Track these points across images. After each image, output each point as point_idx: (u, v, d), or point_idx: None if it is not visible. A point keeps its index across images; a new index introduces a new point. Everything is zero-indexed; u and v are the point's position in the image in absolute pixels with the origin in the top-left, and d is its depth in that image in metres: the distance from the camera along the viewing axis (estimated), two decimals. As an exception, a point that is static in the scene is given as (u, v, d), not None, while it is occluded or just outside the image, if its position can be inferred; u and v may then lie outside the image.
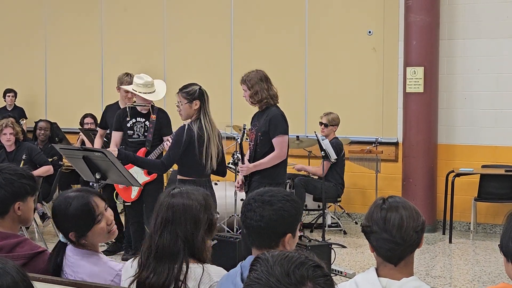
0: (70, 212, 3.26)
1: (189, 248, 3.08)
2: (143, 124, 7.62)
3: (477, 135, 9.67)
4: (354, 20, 10.31)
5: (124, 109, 7.71)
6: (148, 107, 7.58)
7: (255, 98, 6.58)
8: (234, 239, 6.97)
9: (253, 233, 2.92)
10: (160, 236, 3.07)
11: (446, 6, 9.68)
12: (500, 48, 9.50)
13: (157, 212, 3.13)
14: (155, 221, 3.11)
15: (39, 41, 12.42)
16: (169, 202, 3.12)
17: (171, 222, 3.08)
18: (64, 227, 3.30)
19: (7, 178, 3.38)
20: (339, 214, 10.20)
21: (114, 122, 7.74)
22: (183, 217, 3.10)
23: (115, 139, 7.70)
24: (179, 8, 11.40)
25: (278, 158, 6.55)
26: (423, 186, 9.58)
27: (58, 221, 3.34)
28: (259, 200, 2.93)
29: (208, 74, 10.23)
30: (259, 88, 6.57)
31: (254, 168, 6.53)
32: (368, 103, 10.22)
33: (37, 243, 3.53)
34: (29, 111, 12.15)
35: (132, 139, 7.62)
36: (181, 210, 3.11)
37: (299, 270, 1.75)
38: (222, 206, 8.26)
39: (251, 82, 6.59)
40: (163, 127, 7.61)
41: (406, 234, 2.73)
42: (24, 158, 8.44)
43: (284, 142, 6.59)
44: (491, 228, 9.63)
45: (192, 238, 3.09)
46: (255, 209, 2.91)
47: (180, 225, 3.08)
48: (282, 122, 6.56)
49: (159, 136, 7.55)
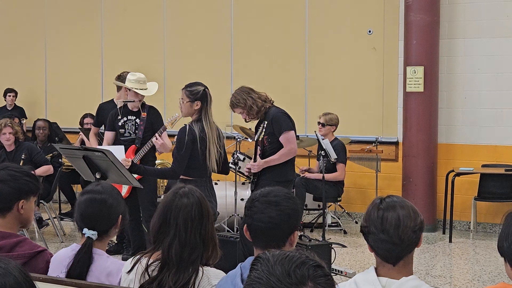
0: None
1: (205, 247, 3.07)
2: (134, 122, 7.70)
3: (477, 135, 9.67)
4: (354, 19, 10.31)
5: (117, 109, 7.80)
6: (137, 104, 7.63)
7: (253, 112, 6.63)
8: (235, 238, 6.97)
9: (261, 235, 2.91)
10: (182, 241, 3.04)
11: (446, 5, 9.67)
12: (500, 48, 9.49)
13: (174, 215, 3.09)
14: (170, 224, 3.08)
15: (39, 40, 12.42)
16: (190, 202, 3.10)
17: (196, 223, 3.06)
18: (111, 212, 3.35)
19: (12, 175, 3.39)
20: (339, 214, 10.20)
21: (107, 123, 7.85)
22: (206, 217, 3.09)
23: (108, 139, 7.79)
24: (178, 8, 11.39)
25: (289, 153, 6.60)
26: (423, 186, 9.58)
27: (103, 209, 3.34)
28: (264, 201, 2.93)
29: (208, 74, 10.22)
30: (251, 102, 6.62)
31: (265, 164, 6.56)
32: (368, 103, 10.22)
33: (37, 243, 3.52)
34: (29, 111, 12.15)
35: (124, 137, 7.70)
36: (204, 209, 3.10)
37: (300, 270, 1.75)
38: (222, 206, 8.25)
39: (242, 102, 6.65)
40: (154, 123, 7.66)
41: (404, 234, 2.72)
42: (24, 157, 8.43)
43: (292, 137, 6.62)
44: (491, 228, 9.63)
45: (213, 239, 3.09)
46: (263, 211, 2.90)
47: (205, 226, 3.08)
48: (285, 119, 6.60)
49: (152, 132, 7.56)
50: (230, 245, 6.88)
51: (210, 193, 6.19)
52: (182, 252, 3.03)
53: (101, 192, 3.35)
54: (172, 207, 3.11)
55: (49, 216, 9.10)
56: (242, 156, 8.56)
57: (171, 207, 3.11)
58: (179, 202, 3.11)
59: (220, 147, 6.25)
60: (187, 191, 3.15)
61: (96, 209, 3.32)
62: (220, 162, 6.27)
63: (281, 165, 6.57)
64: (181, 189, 3.17)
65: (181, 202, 3.10)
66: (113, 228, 3.37)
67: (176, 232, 3.06)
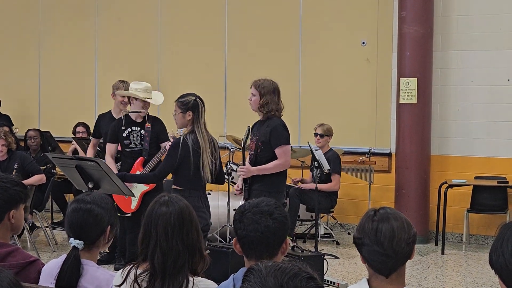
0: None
1: (191, 256, 3.06)
2: (138, 133, 7.59)
3: (470, 147, 9.69)
4: (348, 30, 10.33)
5: (119, 120, 7.66)
6: (144, 113, 7.57)
7: (264, 108, 6.53)
8: (227, 249, 6.96)
9: (257, 245, 2.91)
10: (164, 248, 3.03)
11: (439, 18, 9.71)
12: (493, 60, 9.53)
13: (154, 223, 3.08)
14: (151, 233, 3.06)
15: (32, 49, 12.40)
16: (168, 210, 3.09)
17: (177, 231, 3.05)
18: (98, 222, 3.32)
19: (2, 186, 3.38)
20: (332, 225, 10.20)
21: (109, 134, 7.67)
22: (188, 224, 3.09)
23: (110, 151, 7.66)
24: (173, 18, 11.40)
25: (283, 166, 6.56)
26: (416, 197, 9.59)
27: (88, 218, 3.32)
28: (257, 212, 2.94)
29: (202, 84, 10.22)
30: (270, 99, 6.53)
31: (256, 171, 6.49)
32: (362, 114, 10.23)
33: (29, 252, 3.51)
34: (22, 120, 12.11)
35: (130, 149, 7.58)
36: (186, 217, 3.10)
37: (293, 282, 1.74)
38: (215, 216, 8.24)
39: (264, 90, 6.53)
40: (160, 134, 7.60)
41: (398, 246, 2.71)
42: (16, 167, 8.41)
43: (287, 151, 6.60)
44: (484, 240, 9.64)
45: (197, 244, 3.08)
46: (258, 221, 2.91)
47: (187, 233, 3.06)
48: (284, 132, 6.56)
49: (156, 143, 7.54)
50: (222, 255, 6.87)
51: (204, 203, 6.20)
52: (165, 260, 3.02)
53: (89, 202, 3.33)
54: (152, 216, 3.11)
55: (41, 225, 9.07)
56: (235, 166, 8.56)
57: (151, 216, 3.12)
58: (158, 210, 3.11)
59: (215, 158, 6.24)
60: (167, 200, 3.14)
61: (81, 218, 3.29)
62: (216, 172, 6.27)
63: (274, 176, 6.54)
64: (161, 198, 3.17)
65: (160, 210, 3.10)
66: (101, 239, 3.34)
67: (157, 241, 3.05)
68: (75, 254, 3.26)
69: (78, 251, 3.27)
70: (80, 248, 3.27)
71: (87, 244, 3.29)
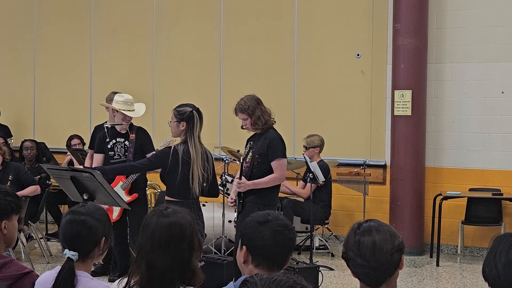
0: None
1: (182, 272, 3.00)
2: (123, 144, 7.67)
3: (465, 159, 9.71)
4: (342, 42, 10.36)
5: (104, 131, 7.74)
6: (125, 126, 7.62)
7: (259, 123, 6.53)
8: (222, 260, 6.96)
9: (278, 256, 2.98)
10: (154, 261, 2.97)
11: (434, 30, 9.74)
12: (488, 72, 9.56)
13: (148, 234, 3.01)
14: (146, 244, 3.01)
15: (28, 60, 12.40)
16: (164, 222, 3.01)
17: (168, 244, 2.99)
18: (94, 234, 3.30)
19: None
20: (327, 237, 10.19)
21: (96, 145, 7.84)
22: (181, 238, 3.03)
23: (97, 162, 7.75)
24: (168, 29, 11.42)
25: (278, 180, 6.57)
26: (410, 209, 9.59)
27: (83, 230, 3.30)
28: (279, 225, 3.02)
29: (197, 95, 10.22)
30: (259, 113, 6.53)
31: (252, 185, 6.48)
32: (356, 126, 10.25)
33: (23, 264, 3.50)
34: (17, 131, 12.09)
35: (114, 160, 7.65)
36: (178, 231, 3.04)
37: (287, 294, 1.75)
38: (209, 228, 8.24)
39: (251, 109, 6.51)
40: (144, 144, 7.67)
41: (381, 257, 2.72)
42: (11, 178, 8.39)
43: (284, 165, 6.60)
44: (478, 252, 9.64)
45: (188, 261, 3.02)
46: (283, 232, 3.00)
47: (177, 247, 3.00)
48: (281, 145, 6.56)
49: (141, 154, 7.55)
50: (217, 267, 6.87)
51: (197, 214, 6.19)
52: (150, 273, 2.94)
53: (83, 213, 3.31)
54: (144, 224, 3.09)
55: (36, 237, 9.04)
56: (230, 178, 8.55)
57: (143, 224, 3.09)
58: (149, 219, 3.06)
59: (206, 171, 6.23)
60: (163, 211, 3.07)
61: (76, 230, 3.27)
62: (207, 185, 6.26)
63: (269, 189, 6.55)
64: (161, 207, 3.13)
65: (151, 219, 3.05)
66: (96, 250, 3.33)
67: (141, 251, 3.02)
68: (70, 266, 3.24)
69: (72, 262, 3.25)
70: (74, 260, 3.26)
71: (82, 255, 3.28)
